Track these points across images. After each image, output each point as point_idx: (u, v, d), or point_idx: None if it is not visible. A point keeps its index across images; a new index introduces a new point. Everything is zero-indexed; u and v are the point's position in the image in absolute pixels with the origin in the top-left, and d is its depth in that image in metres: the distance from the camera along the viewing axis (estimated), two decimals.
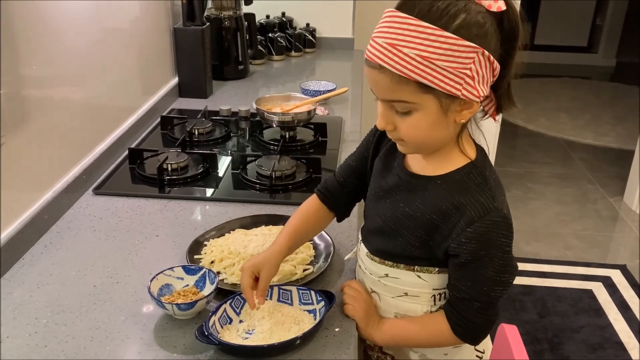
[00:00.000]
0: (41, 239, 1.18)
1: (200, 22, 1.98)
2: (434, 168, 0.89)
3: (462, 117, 0.83)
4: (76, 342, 0.91)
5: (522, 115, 4.56)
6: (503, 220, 0.84)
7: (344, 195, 1.06)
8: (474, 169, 0.88)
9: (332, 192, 1.06)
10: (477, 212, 0.83)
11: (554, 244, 2.94)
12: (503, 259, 0.85)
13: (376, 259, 0.97)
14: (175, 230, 1.22)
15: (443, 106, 0.80)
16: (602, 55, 6.03)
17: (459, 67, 0.77)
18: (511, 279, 0.88)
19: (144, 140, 1.67)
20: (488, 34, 0.78)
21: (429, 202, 0.88)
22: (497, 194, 0.86)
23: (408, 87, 0.79)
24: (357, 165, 1.05)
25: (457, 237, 0.84)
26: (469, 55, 0.77)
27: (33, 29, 1.16)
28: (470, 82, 0.78)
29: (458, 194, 0.85)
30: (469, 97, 0.80)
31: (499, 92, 0.86)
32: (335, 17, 2.66)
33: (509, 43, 0.81)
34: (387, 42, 0.78)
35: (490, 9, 0.78)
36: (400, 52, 0.76)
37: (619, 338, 2.30)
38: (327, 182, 1.08)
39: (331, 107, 1.97)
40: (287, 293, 0.98)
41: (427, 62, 0.76)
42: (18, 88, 1.12)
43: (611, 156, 3.97)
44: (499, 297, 0.89)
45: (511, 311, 2.43)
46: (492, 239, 0.84)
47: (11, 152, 1.10)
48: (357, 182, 1.06)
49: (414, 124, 0.83)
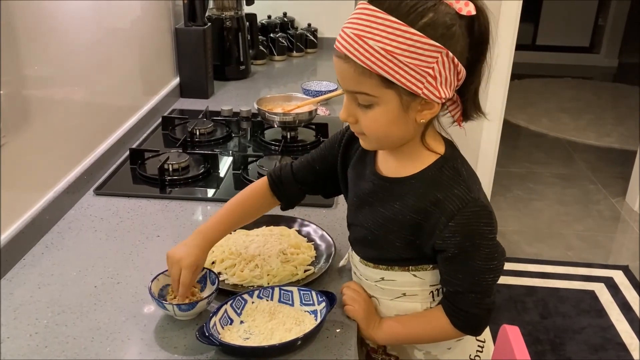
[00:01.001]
0: (42, 239, 1.18)
1: (202, 22, 1.98)
2: (405, 169, 0.90)
3: (422, 116, 0.83)
4: (77, 342, 0.91)
5: (524, 116, 4.55)
6: (482, 209, 0.85)
7: (296, 190, 1.07)
8: (445, 163, 0.88)
9: (285, 183, 1.06)
10: (455, 205, 0.84)
11: (556, 245, 2.94)
12: (489, 247, 0.86)
13: (370, 264, 0.97)
14: (176, 231, 1.22)
15: (403, 103, 0.81)
16: (604, 55, 6.02)
17: (421, 65, 0.77)
18: (500, 265, 0.89)
19: (145, 140, 1.67)
20: (455, 36, 0.78)
21: (407, 203, 0.88)
22: (471, 185, 0.86)
23: (371, 80, 0.79)
24: (318, 168, 1.05)
25: (441, 233, 0.85)
26: (432, 54, 0.77)
27: (35, 29, 1.16)
28: (432, 81, 0.79)
29: (434, 190, 0.86)
30: (430, 96, 0.80)
31: (465, 97, 0.86)
32: (337, 17, 2.65)
33: (477, 48, 0.82)
34: (355, 32, 0.78)
35: (460, 12, 0.79)
36: (366, 43, 0.77)
37: (621, 339, 2.29)
38: (282, 171, 1.07)
39: (332, 107, 1.97)
40: (288, 294, 0.98)
41: (390, 56, 0.76)
42: (19, 88, 1.12)
43: (613, 157, 3.96)
44: (491, 284, 0.90)
45: (513, 312, 2.43)
46: (475, 229, 0.85)
47: (12, 152, 1.09)
48: (313, 180, 1.06)
49: (374, 118, 0.83)
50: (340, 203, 1.34)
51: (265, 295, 0.98)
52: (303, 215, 1.25)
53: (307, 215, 1.26)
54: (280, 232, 1.15)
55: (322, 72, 2.46)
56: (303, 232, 1.18)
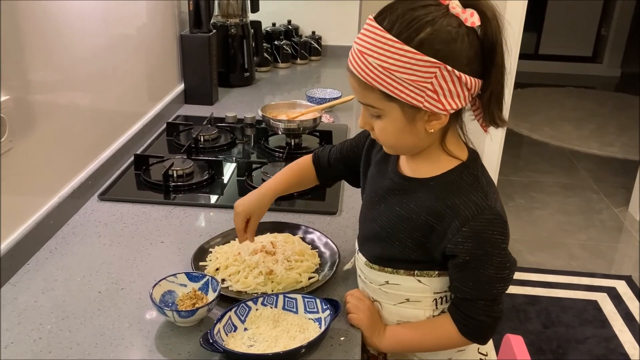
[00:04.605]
0: (46, 244, 1.18)
1: (207, 29, 1.99)
2: (426, 171, 0.91)
3: (431, 127, 0.85)
4: (80, 348, 0.91)
5: (527, 125, 4.56)
6: (497, 218, 0.85)
7: (328, 172, 1.15)
8: (465, 170, 0.89)
9: (322, 164, 1.15)
10: (471, 211, 0.84)
11: (559, 254, 2.93)
12: (501, 256, 0.86)
13: (375, 266, 0.97)
14: (180, 237, 1.22)
15: (407, 115, 0.83)
16: (607, 65, 6.03)
17: (419, 81, 0.79)
18: (511, 274, 0.89)
19: (150, 146, 1.67)
20: (455, 49, 0.79)
21: (423, 204, 0.89)
22: (489, 193, 0.87)
23: (374, 94, 0.83)
24: (346, 154, 1.11)
25: (453, 238, 0.85)
26: (429, 70, 0.78)
27: (40, 35, 1.17)
28: (432, 95, 0.80)
29: (451, 195, 0.87)
30: (432, 109, 0.81)
31: (483, 103, 0.87)
32: (341, 25, 2.67)
33: (489, 55, 0.82)
34: (359, 49, 0.82)
35: (466, 23, 0.79)
36: (366, 60, 0.80)
37: (624, 349, 2.28)
38: (322, 152, 1.16)
39: (336, 114, 1.98)
40: (293, 301, 0.98)
41: (388, 72, 0.79)
42: (25, 93, 1.13)
43: (616, 166, 3.96)
44: (501, 293, 0.90)
45: (515, 321, 2.42)
46: (488, 237, 0.85)
47: (18, 157, 1.10)
48: (343, 167, 1.12)
49: (383, 128, 0.87)
50: (344, 210, 1.34)
51: (270, 302, 0.98)
52: (307, 223, 1.25)
53: (312, 223, 1.26)
54: (285, 239, 1.15)
55: (326, 79, 2.47)
56: (307, 239, 1.18)
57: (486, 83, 0.83)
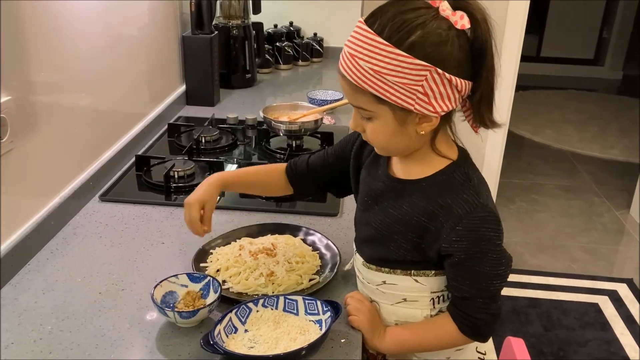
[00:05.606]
0: (47, 245, 1.18)
1: (209, 30, 1.99)
2: (417, 172, 0.91)
3: (422, 129, 0.85)
4: (81, 349, 0.91)
5: (528, 127, 4.55)
6: (490, 215, 0.86)
7: (309, 180, 1.12)
8: (456, 169, 0.89)
9: (299, 171, 1.12)
10: (463, 209, 0.85)
11: (560, 257, 2.93)
12: (496, 253, 0.87)
13: (372, 267, 0.97)
14: (181, 238, 1.22)
15: (398, 117, 0.83)
16: (609, 68, 6.02)
17: (410, 84, 0.79)
18: (507, 270, 0.90)
19: (151, 147, 1.67)
20: (445, 52, 0.79)
21: (416, 205, 0.89)
22: (481, 191, 0.87)
23: (365, 97, 0.83)
24: (331, 162, 1.09)
25: (447, 237, 0.86)
26: (419, 72, 0.78)
27: (42, 36, 1.17)
28: (423, 98, 0.80)
29: (443, 194, 0.87)
30: (423, 112, 0.82)
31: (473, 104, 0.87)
32: (343, 27, 2.65)
33: (478, 59, 0.82)
34: (349, 52, 0.82)
35: (456, 25, 0.80)
36: (357, 63, 0.80)
37: (625, 352, 2.27)
38: (299, 159, 1.14)
39: (338, 116, 1.98)
40: (293, 303, 0.98)
41: (378, 75, 0.79)
42: (27, 94, 1.13)
43: (617, 169, 3.95)
44: (499, 289, 0.90)
45: (516, 324, 2.41)
46: (482, 235, 0.85)
47: (19, 157, 1.10)
48: (326, 173, 1.10)
49: (374, 129, 0.87)
50: (345, 212, 1.34)
51: (270, 304, 0.97)
52: (308, 224, 1.25)
53: (312, 224, 1.26)
54: (286, 241, 1.15)
55: (328, 81, 2.47)
56: (308, 241, 1.18)
57: (476, 85, 0.83)
